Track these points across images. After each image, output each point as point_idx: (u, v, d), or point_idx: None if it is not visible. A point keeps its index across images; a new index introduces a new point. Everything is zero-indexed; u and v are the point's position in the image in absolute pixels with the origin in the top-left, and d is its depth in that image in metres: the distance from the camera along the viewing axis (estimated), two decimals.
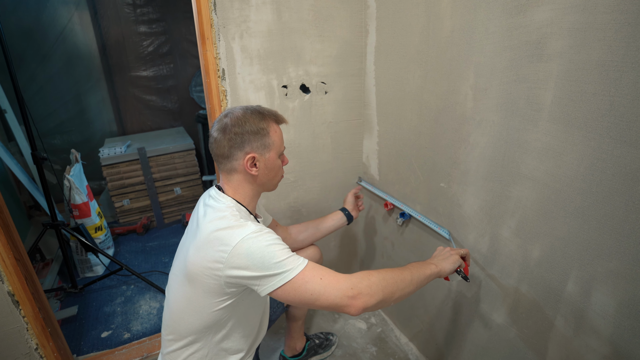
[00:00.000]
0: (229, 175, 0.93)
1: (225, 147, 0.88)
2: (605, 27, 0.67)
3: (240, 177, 0.92)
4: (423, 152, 1.23)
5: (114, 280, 2.06)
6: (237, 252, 0.78)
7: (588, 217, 0.77)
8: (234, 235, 0.80)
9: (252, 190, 0.95)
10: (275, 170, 0.95)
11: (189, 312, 0.89)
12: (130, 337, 1.65)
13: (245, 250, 0.78)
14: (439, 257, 0.99)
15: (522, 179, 0.90)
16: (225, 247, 0.79)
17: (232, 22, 1.22)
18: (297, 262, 0.80)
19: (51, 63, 2.65)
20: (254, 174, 0.91)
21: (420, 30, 1.13)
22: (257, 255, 0.78)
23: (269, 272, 0.78)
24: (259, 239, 0.79)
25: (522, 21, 0.82)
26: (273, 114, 0.93)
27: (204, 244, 0.83)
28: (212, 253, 0.81)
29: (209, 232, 0.83)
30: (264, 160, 0.91)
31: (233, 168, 0.91)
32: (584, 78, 0.72)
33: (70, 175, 2.00)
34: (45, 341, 1.20)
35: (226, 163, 0.91)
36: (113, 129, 3.06)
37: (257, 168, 0.91)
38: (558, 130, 0.79)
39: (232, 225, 0.82)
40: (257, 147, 0.89)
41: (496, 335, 1.08)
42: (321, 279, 0.79)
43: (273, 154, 0.92)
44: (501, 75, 0.89)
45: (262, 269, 0.78)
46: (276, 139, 0.92)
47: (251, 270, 0.78)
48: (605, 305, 0.78)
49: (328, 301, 0.78)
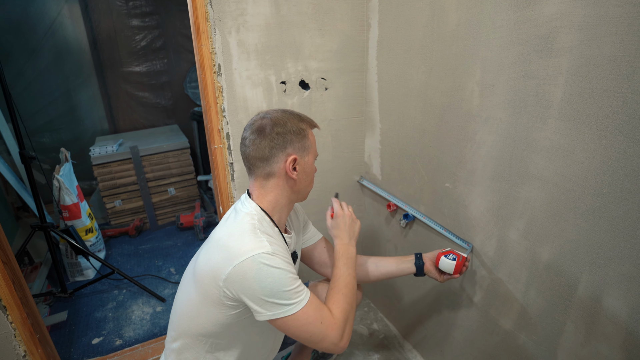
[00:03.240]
0: (265, 180, 0.89)
1: (265, 148, 0.85)
2: (617, 20, 0.67)
3: (278, 182, 0.89)
4: (427, 151, 1.23)
5: (105, 285, 2.06)
6: (241, 269, 0.77)
7: (599, 218, 0.77)
8: (242, 249, 0.79)
9: (286, 198, 0.91)
10: (311, 176, 0.94)
11: (189, 314, 0.90)
12: (122, 343, 1.65)
13: (250, 271, 0.77)
14: (338, 230, 1.02)
15: (530, 179, 0.90)
16: (230, 260, 0.78)
17: (228, 16, 1.22)
18: (302, 296, 0.81)
19: (40, 58, 2.65)
20: (293, 178, 0.89)
21: (425, 24, 1.13)
22: (262, 279, 0.77)
23: (272, 300, 0.78)
24: (268, 261, 0.78)
25: (530, 14, 0.82)
26: (308, 118, 0.93)
27: (213, 248, 0.83)
28: (217, 260, 0.81)
29: (220, 237, 0.84)
30: (303, 163, 0.89)
31: (272, 172, 0.88)
32: (595, 74, 0.72)
33: (59, 175, 2.00)
34: (34, 348, 1.20)
35: (264, 167, 0.88)
36: (104, 126, 3.06)
37: (297, 172, 0.88)
38: (568, 128, 0.79)
39: (245, 236, 0.82)
40: (298, 148, 0.88)
41: (504, 341, 1.08)
42: (321, 322, 0.81)
43: (311, 157, 0.92)
44: (509, 71, 0.89)
45: (265, 294, 0.77)
46: (313, 142, 0.92)
47: (253, 292, 0.78)
48: (617, 310, 0.78)
49: (321, 347, 0.84)
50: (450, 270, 1.05)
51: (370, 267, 1.16)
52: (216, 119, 1.30)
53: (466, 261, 1.07)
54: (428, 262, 1.11)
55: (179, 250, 2.39)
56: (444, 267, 1.06)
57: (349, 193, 1.66)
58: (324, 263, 1.16)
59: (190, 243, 2.47)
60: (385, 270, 1.15)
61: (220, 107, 1.30)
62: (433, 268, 1.11)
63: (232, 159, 1.37)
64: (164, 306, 1.88)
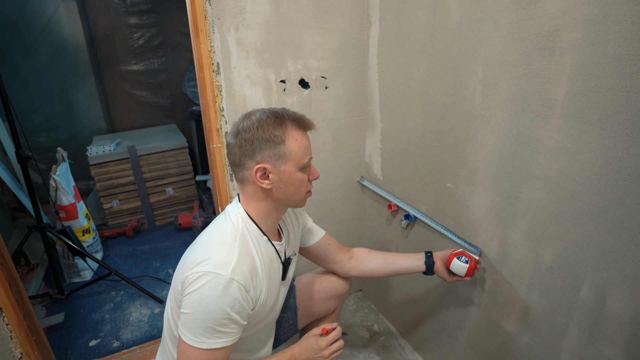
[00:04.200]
0: (243, 185, 0.88)
1: (236, 154, 0.84)
2: (621, 18, 0.67)
3: (255, 189, 0.87)
4: (429, 151, 1.23)
5: (102, 286, 2.06)
6: (196, 276, 0.77)
7: (603, 219, 0.77)
8: (209, 260, 0.78)
9: (266, 205, 0.88)
10: (294, 186, 0.86)
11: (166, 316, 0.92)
12: (119, 345, 1.65)
13: (199, 282, 0.76)
14: (308, 349, 0.92)
15: (533, 179, 0.90)
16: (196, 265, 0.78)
17: (227, 14, 1.22)
18: (211, 340, 0.77)
19: (36, 57, 2.65)
20: (265, 187, 0.84)
21: (426, 22, 1.13)
22: (202, 296, 0.76)
23: (191, 316, 0.76)
24: (221, 286, 0.75)
25: (533, 12, 0.82)
26: (294, 119, 0.85)
27: (192, 248, 0.85)
28: (187, 261, 0.82)
29: (201, 241, 0.85)
30: (278, 172, 0.83)
31: (245, 178, 0.86)
32: (599, 72, 0.72)
33: (56, 175, 2.00)
34: (30, 350, 1.20)
35: (238, 172, 0.87)
36: (102, 126, 3.06)
37: (270, 181, 0.84)
38: (571, 127, 0.79)
39: (219, 247, 0.81)
40: (269, 156, 0.82)
41: (506, 343, 1.08)
42: None
43: (290, 166, 0.83)
44: (511, 70, 0.89)
45: (192, 309, 0.76)
46: (295, 148, 0.83)
47: (187, 301, 0.77)
48: (621, 312, 0.78)
49: None
50: (462, 273, 1.04)
51: (379, 263, 1.15)
52: (215, 118, 1.30)
53: (478, 264, 1.07)
54: (439, 261, 1.10)
55: (177, 251, 2.39)
56: (456, 269, 1.05)
57: (350, 193, 1.66)
58: (329, 259, 1.16)
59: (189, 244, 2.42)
60: (394, 267, 1.14)
61: (219, 106, 1.30)
62: (443, 268, 1.10)
63: None
64: (162, 307, 1.88)
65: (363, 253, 1.19)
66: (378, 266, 1.15)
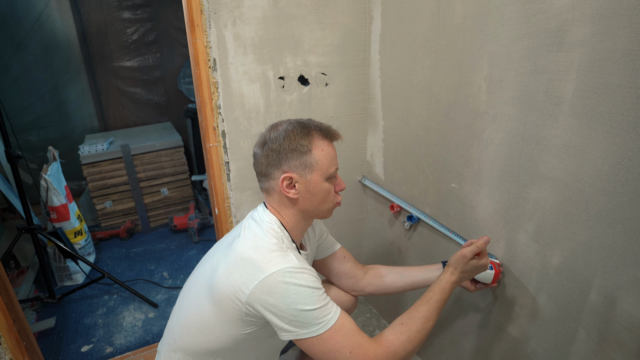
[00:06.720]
0: (269, 195, 0.92)
1: (262, 164, 0.88)
2: (631, 13, 0.67)
3: (281, 199, 0.90)
4: (432, 150, 1.23)
5: (95, 290, 2.06)
6: (266, 285, 0.77)
7: (613, 220, 0.77)
8: (270, 263, 0.78)
9: (293, 215, 0.92)
10: (321, 196, 0.89)
11: (198, 329, 0.88)
12: (112, 351, 1.65)
13: (275, 287, 0.77)
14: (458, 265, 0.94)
15: (540, 179, 0.90)
16: (256, 275, 0.78)
17: (224, 8, 1.22)
18: (329, 316, 0.79)
19: (26, 52, 2.65)
20: (292, 197, 0.88)
21: (430, 17, 1.13)
22: (290, 296, 0.76)
23: (296, 319, 0.77)
24: (295, 277, 0.77)
25: (540, 7, 0.82)
26: (321, 129, 0.89)
27: (235, 263, 0.82)
28: (240, 275, 0.80)
29: (243, 251, 0.83)
30: (304, 182, 0.87)
31: (271, 188, 0.90)
32: (608, 69, 0.72)
33: (47, 175, 2.00)
34: (21, 356, 1.20)
35: (264, 182, 0.91)
36: (94, 124, 3.06)
37: (297, 190, 0.87)
38: (580, 125, 0.79)
39: (271, 250, 0.81)
40: (295, 166, 0.86)
41: (512, 349, 1.08)
42: (351, 352, 0.78)
43: (316, 176, 0.87)
44: (518, 66, 0.89)
45: (290, 313, 0.77)
46: (321, 157, 0.87)
47: (277, 310, 0.77)
48: (631, 316, 0.78)
49: None
50: (489, 281, 1.03)
51: (394, 277, 1.14)
52: (211, 116, 1.30)
53: (500, 267, 1.05)
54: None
55: (173, 254, 2.39)
56: (482, 277, 1.03)
57: (351, 194, 1.66)
58: (344, 273, 1.15)
59: (184, 246, 2.47)
60: (410, 280, 1.12)
61: (215, 104, 1.30)
62: None
63: (228, 157, 1.37)
64: (157, 312, 1.88)
65: (378, 268, 1.18)
66: (394, 279, 1.13)
